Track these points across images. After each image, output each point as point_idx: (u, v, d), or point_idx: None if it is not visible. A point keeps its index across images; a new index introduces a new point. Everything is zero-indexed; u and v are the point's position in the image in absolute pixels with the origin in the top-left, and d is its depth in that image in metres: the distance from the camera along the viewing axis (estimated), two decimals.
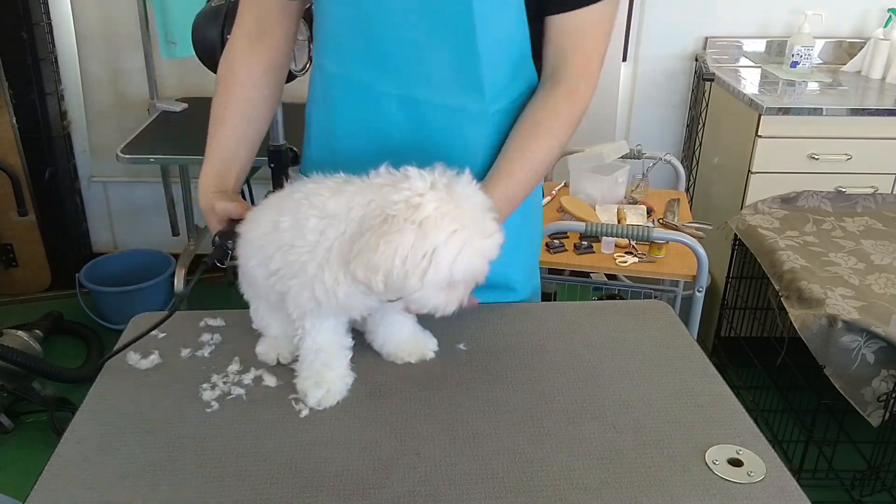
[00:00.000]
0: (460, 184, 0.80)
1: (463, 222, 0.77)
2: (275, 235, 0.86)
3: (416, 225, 0.76)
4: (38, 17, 2.74)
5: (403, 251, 0.76)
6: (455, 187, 0.79)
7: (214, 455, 0.82)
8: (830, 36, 2.82)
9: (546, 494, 0.76)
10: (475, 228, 0.78)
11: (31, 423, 2.31)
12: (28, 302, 2.95)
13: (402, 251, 0.76)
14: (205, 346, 1.00)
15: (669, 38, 2.86)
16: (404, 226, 0.76)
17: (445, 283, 0.80)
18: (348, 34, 1.00)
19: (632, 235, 1.78)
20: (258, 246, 0.90)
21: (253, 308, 1.00)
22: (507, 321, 1.08)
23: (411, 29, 0.95)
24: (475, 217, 0.79)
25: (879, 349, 1.75)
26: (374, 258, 0.76)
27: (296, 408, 0.89)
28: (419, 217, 0.76)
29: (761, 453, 0.82)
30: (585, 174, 2.24)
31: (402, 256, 0.76)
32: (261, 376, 0.94)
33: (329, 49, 1.04)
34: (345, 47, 1.02)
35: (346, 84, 1.04)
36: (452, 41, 0.95)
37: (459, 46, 0.95)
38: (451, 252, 0.77)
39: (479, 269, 0.80)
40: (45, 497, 0.77)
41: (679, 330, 1.06)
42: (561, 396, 0.91)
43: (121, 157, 2.29)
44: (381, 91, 1.01)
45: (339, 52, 1.03)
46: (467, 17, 0.92)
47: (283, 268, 0.86)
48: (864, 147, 2.35)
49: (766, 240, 2.16)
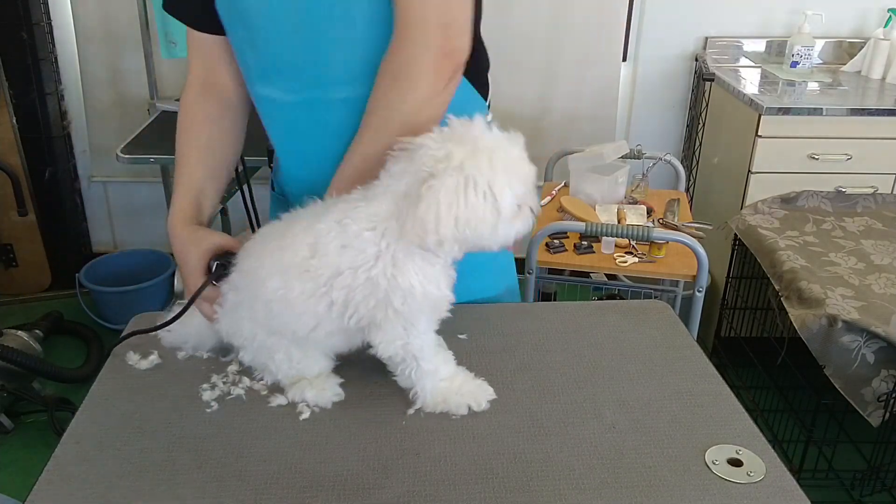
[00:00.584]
0: (475, 126, 0.81)
1: (493, 150, 0.79)
2: (324, 259, 0.81)
3: (456, 169, 0.76)
4: (38, 17, 2.74)
5: (447, 196, 0.76)
6: (471, 130, 0.80)
7: (214, 455, 0.82)
8: (830, 36, 2.82)
9: (546, 494, 0.76)
10: (505, 149, 0.80)
11: (31, 423, 2.31)
12: (28, 302, 2.95)
13: (445, 196, 0.76)
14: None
15: (669, 38, 2.87)
16: (444, 174, 0.77)
17: (516, 207, 0.81)
18: (250, 54, 1.00)
19: (632, 235, 1.78)
20: (299, 273, 0.83)
21: (264, 355, 0.91)
22: (507, 321, 1.08)
23: (297, 35, 0.95)
24: (500, 142, 0.81)
25: (879, 349, 1.75)
26: (419, 212, 0.76)
27: (296, 409, 0.89)
28: (454, 164, 0.77)
29: (761, 453, 0.82)
30: (585, 174, 2.24)
31: (447, 202, 0.76)
32: (261, 376, 0.94)
33: (245, 73, 1.05)
34: (250, 67, 1.02)
35: (263, 102, 1.04)
36: (338, 38, 0.94)
37: (345, 40, 0.94)
38: (500, 177, 0.78)
39: (530, 174, 0.83)
40: (45, 497, 0.77)
41: (679, 330, 1.06)
42: (561, 396, 0.91)
43: (121, 157, 2.29)
44: (286, 101, 1.01)
45: (247, 74, 1.04)
46: (346, 9, 0.92)
47: (352, 291, 0.81)
48: (864, 147, 2.35)
49: (766, 240, 2.16)
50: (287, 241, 0.84)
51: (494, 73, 1.15)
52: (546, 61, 2.82)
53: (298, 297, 0.83)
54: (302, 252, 0.82)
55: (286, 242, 0.84)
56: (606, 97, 2.87)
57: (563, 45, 2.79)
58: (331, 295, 0.82)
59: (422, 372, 0.87)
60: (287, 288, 0.83)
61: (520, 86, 2.83)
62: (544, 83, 2.85)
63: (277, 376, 0.92)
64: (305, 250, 0.82)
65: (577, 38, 2.78)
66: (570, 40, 2.78)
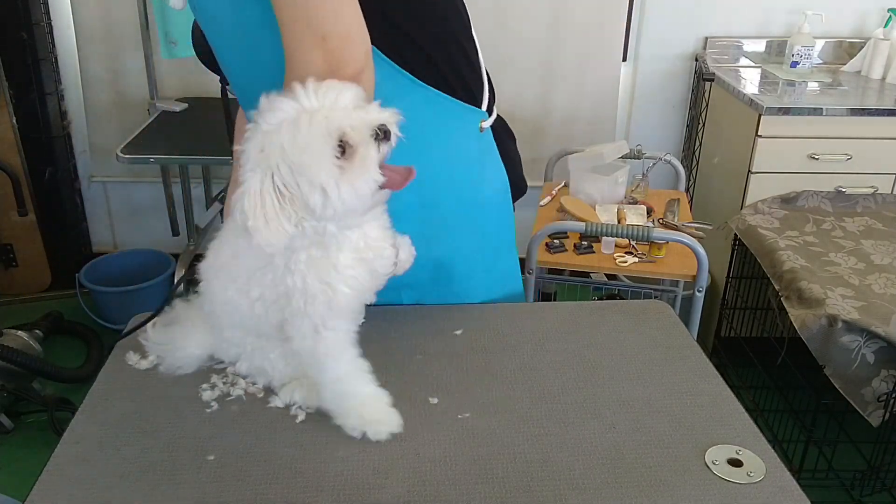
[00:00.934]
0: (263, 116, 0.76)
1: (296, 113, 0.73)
2: (243, 261, 0.84)
3: (252, 172, 0.74)
4: (38, 17, 2.74)
5: (249, 202, 0.74)
6: (262, 122, 0.75)
7: (214, 455, 0.82)
8: (830, 36, 2.82)
9: (546, 494, 0.76)
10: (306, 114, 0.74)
11: (31, 423, 2.31)
12: (28, 302, 2.95)
13: (248, 203, 0.74)
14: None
15: (669, 38, 2.87)
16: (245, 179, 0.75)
17: (345, 159, 0.74)
18: (225, 72, 1.04)
19: (632, 235, 1.78)
20: (227, 272, 0.86)
21: (259, 357, 0.91)
22: (507, 321, 1.08)
23: (247, 51, 0.95)
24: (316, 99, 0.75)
25: (879, 349, 1.75)
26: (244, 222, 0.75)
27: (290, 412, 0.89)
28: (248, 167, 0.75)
29: (761, 453, 0.82)
30: (585, 174, 2.24)
31: (250, 209, 0.73)
32: (254, 380, 0.93)
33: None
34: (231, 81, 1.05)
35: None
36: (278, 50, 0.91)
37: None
38: (299, 143, 0.72)
39: (356, 121, 0.74)
40: (45, 497, 0.77)
41: (679, 330, 1.06)
42: (561, 396, 0.91)
43: (121, 157, 2.29)
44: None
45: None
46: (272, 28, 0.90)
47: (266, 290, 0.82)
48: (864, 147, 2.35)
49: (766, 240, 2.16)
50: (223, 247, 0.87)
51: (494, 74, 1.14)
52: (546, 61, 2.81)
53: (235, 294, 0.85)
54: (227, 254, 0.85)
55: (222, 248, 0.87)
56: (606, 97, 2.87)
57: (563, 45, 2.79)
58: (251, 294, 0.84)
59: (327, 378, 0.84)
60: (222, 288, 0.86)
61: (520, 86, 2.83)
62: (544, 83, 2.85)
63: (273, 377, 0.91)
64: (229, 252, 0.85)
65: (577, 38, 2.78)
66: (570, 40, 2.78)
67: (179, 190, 2.78)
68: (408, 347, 1.00)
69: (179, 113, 2.65)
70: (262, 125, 0.74)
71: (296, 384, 0.90)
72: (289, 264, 0.79)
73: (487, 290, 1.15)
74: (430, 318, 1.07)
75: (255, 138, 0.75)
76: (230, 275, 0.85)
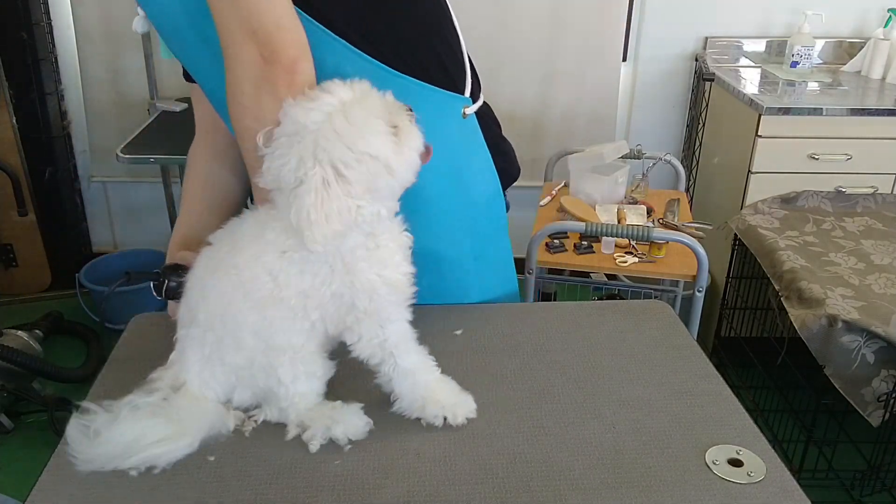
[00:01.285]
0: (300, 110, 0.77)
1: (329, 124, 0.75)
2: (289, 289, 0.81)
3: (313, 168, 0.74)
4: (38, 17, 2.74)
5: (311, 199, 0.74)
6: (300, 115, 0.77)
7: (214, 455, 0.82)
8: (830, 36, 2.82)
9: (546, 494, 0.76)
10: (341, 113, 0.76)
11: (31, 423, 2.31)
12: (28, 302, 2.95)
13: (309, 199, 0.74)
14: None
15: (669, 38, 2.87)
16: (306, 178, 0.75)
17: (389, 146, 0.77)
18: (198, 82, 1.05)
19: (632, 235, 1.78)
20: (273, 303, 0.81)
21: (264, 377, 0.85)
22: (507, 321, 1.08)
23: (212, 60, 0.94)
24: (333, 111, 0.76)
25: (879, 349, 1.75)
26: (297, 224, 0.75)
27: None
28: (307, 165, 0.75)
29: (761, 453, 0.82)
30: (585, 174, 2.24)
31: (313, 205, 0.74)
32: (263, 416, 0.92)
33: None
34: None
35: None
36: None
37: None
38: (356, 141, 0.75)
39: (389, 105, 0.79)
40: (45, 497, 0.77)
41: (679, 330, 1.06)
42: (561, 396, 0.91)
43: (121, 157, 2.29)
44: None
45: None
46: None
47: (324, 308, 0.81)
48: (864, 147, 2.35)
49: (766, 240, 2.16)
50: (245, 275, 0.81)
51: (494, 73, 1.14)
52: (546, 61, 2.81)
53: (282, 322, 0.82)
54: (266, 284, 0.80)
55: (244, 276, 0.81)
56: (606, 97, 2.87)
57: (563, 45, 2.79)
58: (310, 317, 0.82)
59: (400, 371, 0.85)
60: (267, 319, 0.81)
61: (520, 86, 2.83)
62: (544, 83, 2.85)
63: (284, 401, 0.85)
64: (268, 281, 0.80)
65: (577, 38, 2.78)
66: (570, 40, 2.78)
67: (179, 190, 2.77)
68: None
69: (179, 113, 2.65)
70: (309, 125, 0.75)
71: (326, 420, 0.84)
72: (347, 264, 0.79)
73: (480, 278, 1.14)
74: (430, 318, 1.07)
75: (304, 140, 0.75)
76: (277, 304, 0.81)
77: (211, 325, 0.84)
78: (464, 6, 2.72)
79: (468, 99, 1.06)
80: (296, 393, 0.84)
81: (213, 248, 0.86)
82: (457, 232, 1.09)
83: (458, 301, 1.12)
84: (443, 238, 1.08)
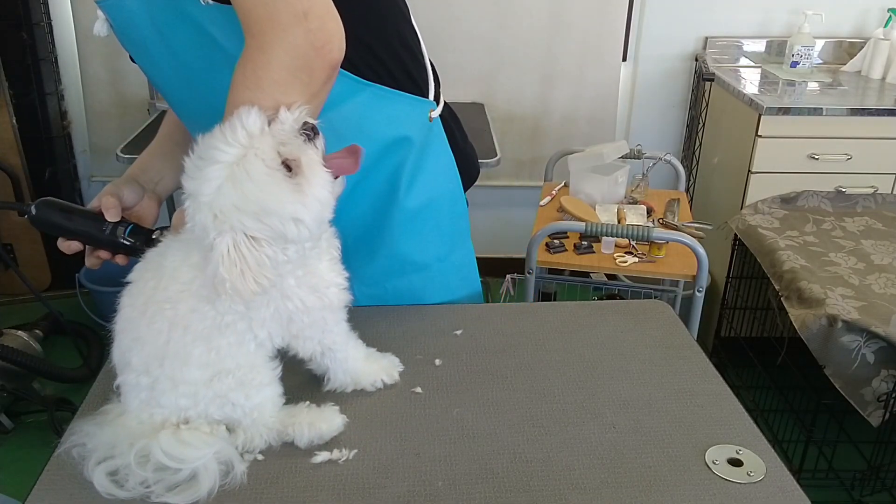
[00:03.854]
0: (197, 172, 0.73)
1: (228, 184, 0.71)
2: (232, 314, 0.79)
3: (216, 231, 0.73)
4: (38, 17, 2.74)
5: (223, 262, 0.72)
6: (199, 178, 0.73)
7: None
8: (830, 36, 2.82)
9: (546, 494, 0.76)
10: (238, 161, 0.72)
11: (31, 423, 2.31)
12: (28, 302, 2.95)
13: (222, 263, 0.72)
14: None
15: (669, 38, 2.87)
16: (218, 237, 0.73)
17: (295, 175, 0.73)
18: (164, 96, 1.06)
19: (632, 235, 1.78)
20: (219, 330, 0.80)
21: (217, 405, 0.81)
22: (507, 321, 1.08)
23: (180, 74, 0.95)
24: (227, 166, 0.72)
25: (879, 349, 1.75)
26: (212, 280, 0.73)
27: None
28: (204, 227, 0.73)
29: (761, 453, 0.82)
30: (585, 174, 2.24)
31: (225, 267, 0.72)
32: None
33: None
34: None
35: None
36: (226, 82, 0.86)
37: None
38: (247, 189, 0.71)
39: (281, 137, 0.73)
40: (45, 497, 0.77)
41: (679, 330, 1.06)
42: (561, 396, 0.91)
43: (121, 157, 2.29)
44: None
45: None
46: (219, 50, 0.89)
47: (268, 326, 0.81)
48: (864, 147, 2.35)
49: (766, 240, 2.16)
50: (182, 309, 0.78)
51: (494, 73, 1.14)
52: (546, 61, 2.81)
53: (228, 348, 0.80)
54: (208, 312, 0.78)
55: (181, 310, 0.78)
56: (606, 97, 2.88)
57: (563, 44, 2.79)
58: (257, 337, 0.81)
59: (335, 360, 0.90)
60: (215, 348, 0.79)
61: (520, 86, 2.83)
62: (544, 83, 2.85)
63: (246, 419, 0.82)
64: (209, 310, 0.78)
65: (577, 38, 2.78)
66: (570, 40, 2.79)
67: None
68: (408, 347, 1.00)
69: None
70: (201, 198, 0.72)
71: (304, 420, 0.83)
72: (281, 290, 0.79)
73: (444, 281, 1.14)
74: (430, 318, 1.07)
75: (200, 211, 0.72)
76: (223, 330, 0.79)
77: (146, 369, 0.79)
78: (464, 6, 2.73)
79: (433, 102, 1.06)
80: (253, 408, 0.81)
81: (136, 284, 0.82)
82: (420, 234, 1.09)
83: (419, 302, 1.12)
84: (407, 241, 1.08)
